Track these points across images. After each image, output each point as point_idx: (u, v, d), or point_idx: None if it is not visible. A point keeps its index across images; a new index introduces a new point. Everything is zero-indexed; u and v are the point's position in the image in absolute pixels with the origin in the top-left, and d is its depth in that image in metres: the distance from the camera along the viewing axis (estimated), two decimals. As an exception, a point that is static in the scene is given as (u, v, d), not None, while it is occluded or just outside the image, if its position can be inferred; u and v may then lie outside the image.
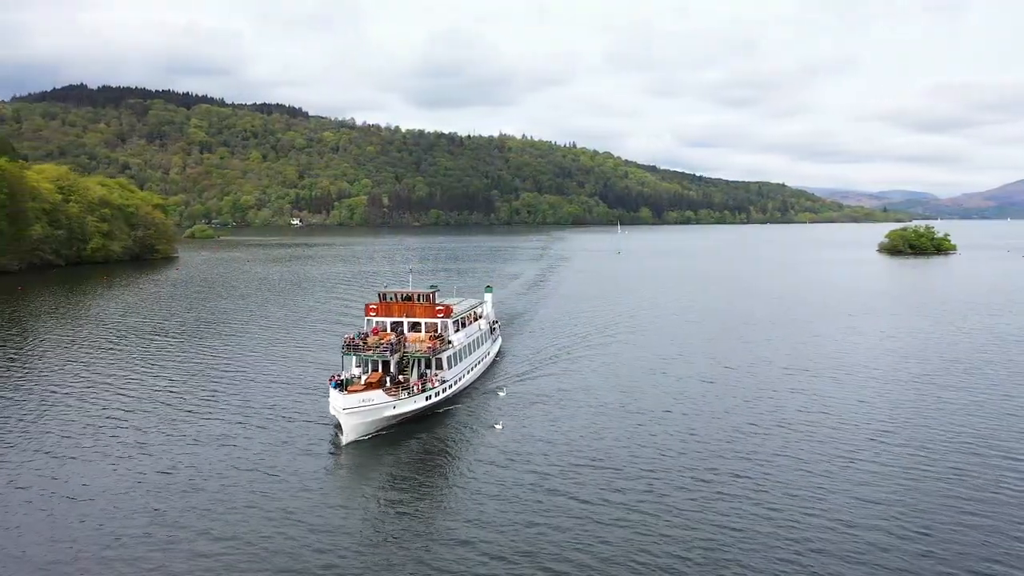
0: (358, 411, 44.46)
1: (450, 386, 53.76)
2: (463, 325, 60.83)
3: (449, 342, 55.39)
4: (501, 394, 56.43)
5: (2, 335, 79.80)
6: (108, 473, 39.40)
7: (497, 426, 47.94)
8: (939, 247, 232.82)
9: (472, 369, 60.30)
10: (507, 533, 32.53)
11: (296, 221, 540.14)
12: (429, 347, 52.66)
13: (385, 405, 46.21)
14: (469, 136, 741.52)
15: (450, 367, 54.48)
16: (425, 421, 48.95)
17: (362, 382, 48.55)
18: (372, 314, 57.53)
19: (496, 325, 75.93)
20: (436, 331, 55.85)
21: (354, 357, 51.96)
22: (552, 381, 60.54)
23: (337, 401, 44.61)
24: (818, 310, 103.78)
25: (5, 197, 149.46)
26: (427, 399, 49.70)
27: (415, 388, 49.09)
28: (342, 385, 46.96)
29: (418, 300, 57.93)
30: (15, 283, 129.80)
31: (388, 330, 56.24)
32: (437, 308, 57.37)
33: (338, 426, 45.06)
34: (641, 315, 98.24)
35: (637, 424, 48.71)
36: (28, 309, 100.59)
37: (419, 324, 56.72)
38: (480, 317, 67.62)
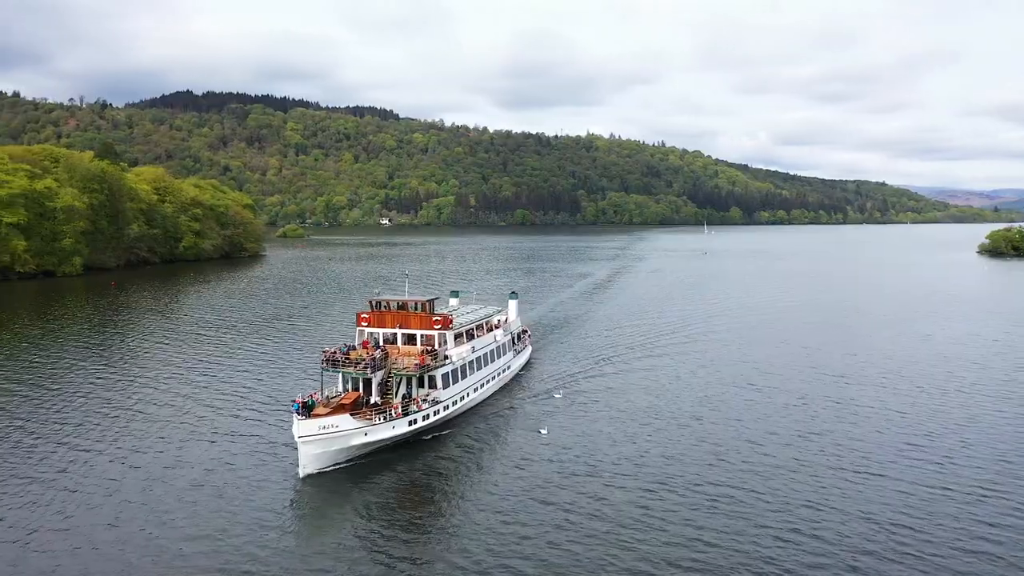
0: (317, 439, 39.21)
1: (446, 407, 48.08)
2: (470, 336, 55.24)
3: (446, 357, 49.71)
4: (557, 396, 55.59)
5: (69, 328, 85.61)
6: (98, 473, 39.61)
7: (543, 431, 47.01)
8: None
9: (482, 386, 54.72)
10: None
11: (385, 221, 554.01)
12: (417, 364, 46.86)
13: (354, 432, 40.83)
14: (556, 136, 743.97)
15: (447, 385, 48.82)
16: (411, 448, 43.80)
17: (331, 403, 43.21)
18: (364, 324, 51.79)
19: (526, 335, 70.66)
20: (433, 344, 50.38)
21: (337, 374, 46.89)
22: (589, 389, 59.46)
23: (294, 427, 39.63)
24: (890, 314, 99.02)
25: (105, 198, 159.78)
26: (411, 423, 44.18)
27: (394, 411, 43.52)
28: (307, 408, 41.45)
29: (413, 309, 52.22)
30: (112, 279, 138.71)
31: (381, 342, 50.98)
32: (434, 318, 51.44)
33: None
34: (711, 319, 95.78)
35: (655, 431, 47.85)
36: (110, 303, 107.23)
37: (414, 336, 51.14)
38: (497, 327, 61.72)
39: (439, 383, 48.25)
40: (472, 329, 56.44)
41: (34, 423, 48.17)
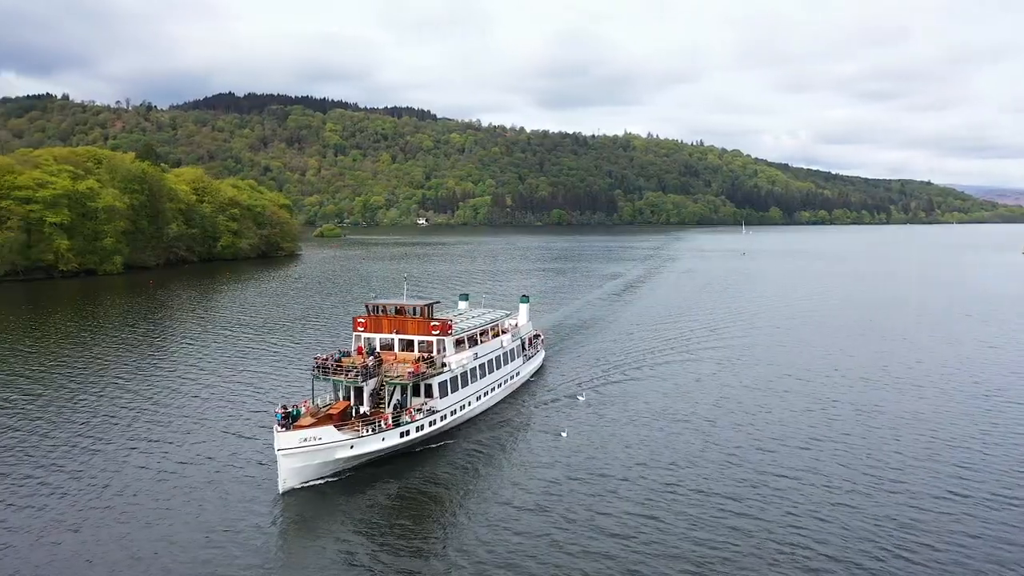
0: (298, 452, 37.58)
1: (443, 417, 46.30)
2: (473, 342, 53.28)
3: (443, 364, 48.03)
4: (581, 399, 55.12)
5: (101, 326, 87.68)
6: (98, 472, 40.46)
7: (563, 434, 46.73)
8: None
9: (486, 394, 52.78)
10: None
11: (422, 221, 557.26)
12: (411, 372, 45.03)
13: (338, 445, 39.09)
14: (593, 136, 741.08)
15: (444, 394, 46.83)
16: (410, 457, 42.60)
17: (319, 413, 41.75)
18: (360, 329, 50.13)
19: (538, 340, 68.44)
20: (431, 350, 48.82)
21: (328, 382, 45.07)
22: (607, 393, 58.98)
23: (275, 439, 37.88)
24: (924, 316, 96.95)
25: (145, 198, 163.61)
26: (403, 435, 42.40)
27: (383, 422, 41.62)
28: (289, 418, 39.62)
29: (411, 313, 50.00)
30: (150, 278, 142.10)
31: (377, 348, 49.42)
32: (432, 324, 49.57)
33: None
34: (742, 321, 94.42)
35: (669, 435, 47.38)
36: (146, 302, 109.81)
37: (411, 342, 49.63)
38: (504, 332, 59.68)
39: (436, 392, 46.29)
40: (475, 334, 54.35)
41: (43, 421, 49.34)
